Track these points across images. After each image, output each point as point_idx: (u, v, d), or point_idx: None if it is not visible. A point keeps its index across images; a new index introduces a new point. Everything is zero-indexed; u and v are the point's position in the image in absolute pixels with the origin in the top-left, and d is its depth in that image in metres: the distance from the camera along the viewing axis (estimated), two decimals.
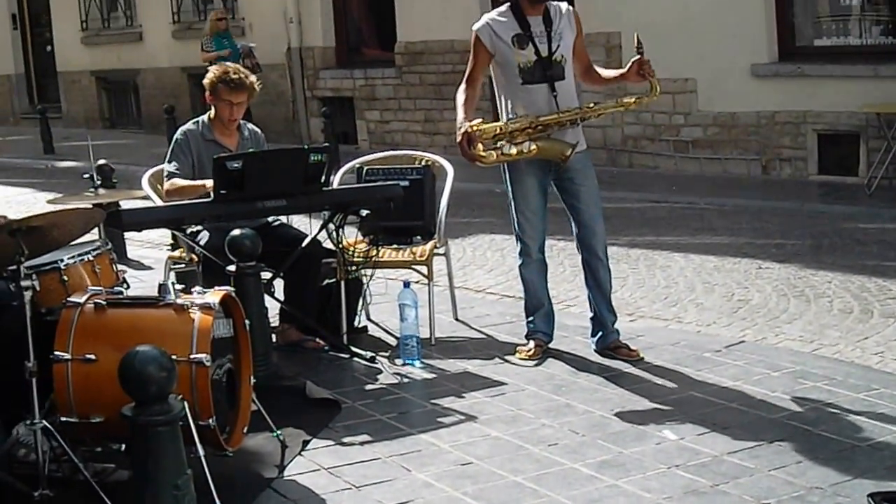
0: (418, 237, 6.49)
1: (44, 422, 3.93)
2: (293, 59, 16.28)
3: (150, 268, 8.24)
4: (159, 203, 6.05)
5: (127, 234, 8.11)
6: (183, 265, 6.18)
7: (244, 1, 17.10)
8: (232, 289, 4.54)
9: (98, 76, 20.23)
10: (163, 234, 6.93)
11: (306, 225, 6.21)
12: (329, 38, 16.10)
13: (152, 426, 3.53)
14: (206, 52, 14.22)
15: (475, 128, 5.55)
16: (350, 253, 6.14)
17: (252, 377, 4.55)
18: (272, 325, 5.87)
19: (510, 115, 5.65)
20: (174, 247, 6.34)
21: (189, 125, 6.17)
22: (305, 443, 4.71)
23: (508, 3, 5.72)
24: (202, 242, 5.77)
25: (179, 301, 4.23)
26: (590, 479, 4.29)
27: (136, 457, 3.60)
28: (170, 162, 6.03)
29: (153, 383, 3.53)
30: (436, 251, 6.36)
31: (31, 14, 22.48)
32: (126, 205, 6.15)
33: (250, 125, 6.34)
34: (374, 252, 6.12)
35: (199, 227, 5.80)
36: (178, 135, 6.12)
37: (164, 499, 3.53)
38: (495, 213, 9.89)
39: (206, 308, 4.21)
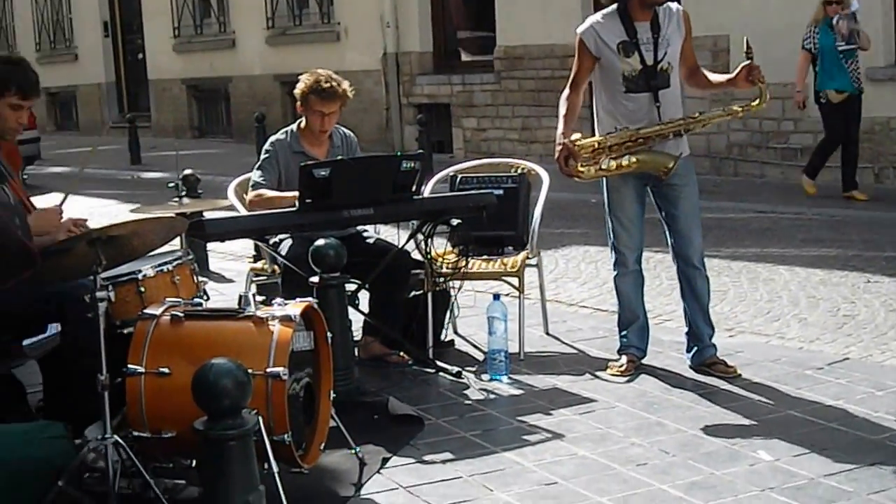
0: (510, 248, 6.34)
1: (115, 436, 3.87)
2: (389, 64, 16.21)
3: (231, 280, 8.18)
4: (243, 213, 5.99)
5: (209, 246, 8.09)
6: (265, 277, 6.11)
7: (340, 5, 17.07)
8: (314, 300, 4.44)
9: (189, 84, 20.29)
10: (245, 246, 6.86)
11: (394, 235, 6.08)
12: (426, 43, 16.00)
13: (224, 440, 3.45)
14: (805, 49, 10.97)
15: (574, 143, 5.38)
16: (439, 264, 6.01)
17: (332, 392, 4.44)
18: (355, 338, 5.75)
19: (614, 125, 5.46)
20: (256, 258, 6.27)
21: (279, 135, 6.10)
22: (385, 460, 4.59)
23: (615, 6, 5.48)
24: (283, 252, 5.69)
25: (259, 313, 4.14)
26: (678, 502, 4.11)
27: (207, 471, 3.53)
28: (257, 171, 5.96)
29: (227, 397, 3.45)
30: (528, 262, 6.20)
31: (122, 21, 22.48)
32: (210, 215, 6.08)
33: (343, 129, 6.20)
34: (464, 263, 5.98)
35: (283, 237, 5.72)
36: (266, 145, 6.06)
37: None
38: (590, 223, 9.69)
39: (286, 320, 4.11)
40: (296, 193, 5.47)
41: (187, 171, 7.99)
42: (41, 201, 5.09)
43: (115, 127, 21.65)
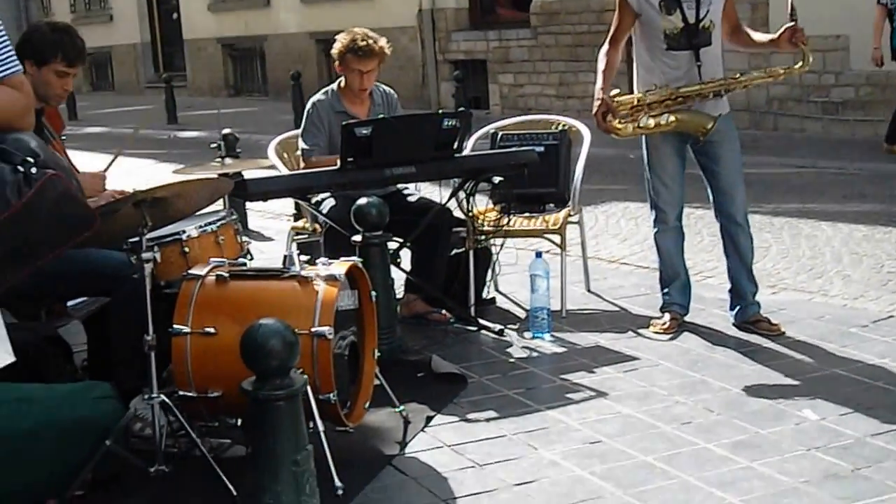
0: (551, 205, 6.32)
1: (162, 395, 3.90)
2: (424, 20, 16.10)
3: (271, 239, 8.24)
4: (285, 172, 5.99)
5: (249, 205, 8.10)
6: (306, 235, 6.11)
7: None
8: (359, 259, 4.43)
9: (224, 43, 20.31)
10: (284, 205, 6.83)
11: (435, 193, 6.07)
12: None
13: (272, 401, 3.45)
14: (881, 4, 10.66)
15: (612, 98, 5.34)
16: (480, 222, 6.00)
17: (376, 351, 4.45)
18: (397, 296, 5.75)
19: (653, 83, 5.41)
20: (297, 217, 6.28)
21: (319, 96, 6.08)
22: (429, 419, 4.60)
23: None
24: (325, 211, 5.69)
25: (304, 273, 4.14)
26: (723, 460, 4.09)
27: (255, 432, 3.54)
28: (304, 139, 5.95)
29: (275, 357, 3.43)
30: (569, 219, 6.17)
31: None
32: (250, 174, 6.08)
33: (383, 87, 6.18)
34: (506, 220, 5.97)
35: (324, 196, 5.72)
36: (308, 107, 6.04)
37: (283, 474, 3.44)
38: (629, 179, 9.63)
39: (330, 279, 4.10)
40: None
41: (226, 131, 7.98)
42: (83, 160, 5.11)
43: (150, 86, 21.73)
